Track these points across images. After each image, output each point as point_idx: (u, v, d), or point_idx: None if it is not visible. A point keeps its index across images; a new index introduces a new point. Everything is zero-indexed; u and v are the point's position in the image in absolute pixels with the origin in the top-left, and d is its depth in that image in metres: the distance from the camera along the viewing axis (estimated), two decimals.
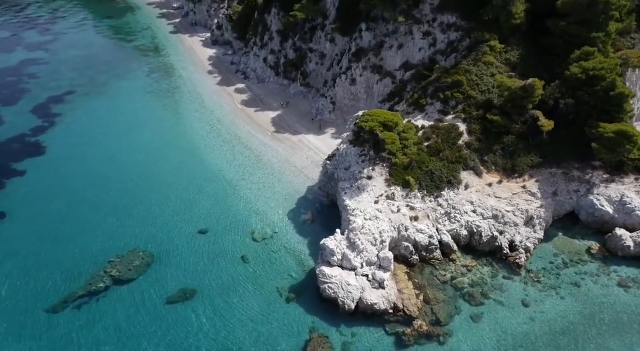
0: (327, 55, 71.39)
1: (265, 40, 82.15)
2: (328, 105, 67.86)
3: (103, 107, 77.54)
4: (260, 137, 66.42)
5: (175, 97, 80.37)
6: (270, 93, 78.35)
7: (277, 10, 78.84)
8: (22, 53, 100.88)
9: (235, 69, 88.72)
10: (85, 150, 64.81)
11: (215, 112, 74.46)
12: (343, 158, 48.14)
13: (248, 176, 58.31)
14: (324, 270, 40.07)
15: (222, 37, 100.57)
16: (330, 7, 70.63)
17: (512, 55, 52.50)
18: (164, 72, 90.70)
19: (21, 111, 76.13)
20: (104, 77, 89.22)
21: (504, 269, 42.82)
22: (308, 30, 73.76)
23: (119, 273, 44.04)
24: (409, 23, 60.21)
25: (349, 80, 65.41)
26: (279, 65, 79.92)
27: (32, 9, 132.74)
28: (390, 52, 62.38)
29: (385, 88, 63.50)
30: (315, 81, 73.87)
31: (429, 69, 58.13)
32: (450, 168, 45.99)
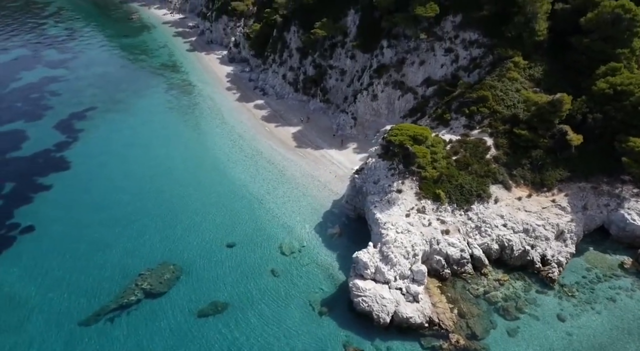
0: (348, 71, 72.44)
1: (284, 57, 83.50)
2: (349, 121, 68.56)
3: (125, 123, 78.58)
4: (282, 152, 67.01)
5: (196, 113, 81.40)
6: (289, 109, 79.29)
7: (297, 28, 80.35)
8: (42, 70, 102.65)
9: (253, 85, 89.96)
10: (110, 165, 65.50)
11: (235, 127, 75.31)
12: (372, 172, 48.49)
13: (272, 190, 58.69)
14: (357, 283, 40.04)
15: (238, 55, 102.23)
16: (350, 25, 71.98)
17: (536, 71, 53.19)
18: (183, 89, 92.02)
19: (45, 127, 77.24)
20: (123, 93, 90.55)
21: (536, 283, 42.63)
22: (328, 47, 75.01)
23: (150, 286, 44.12)
24: (431, 40, 61.25)
25: (370, 96, 66.25)
26: (297, 81, 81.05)
27: (51, 28, 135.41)
28: (412, 68, 63.31)
29: (407, 104, 64.22)
30: (335, 97, 74.79)
31: (452, 85, 58.92)
32: (480, 182, 46.23)
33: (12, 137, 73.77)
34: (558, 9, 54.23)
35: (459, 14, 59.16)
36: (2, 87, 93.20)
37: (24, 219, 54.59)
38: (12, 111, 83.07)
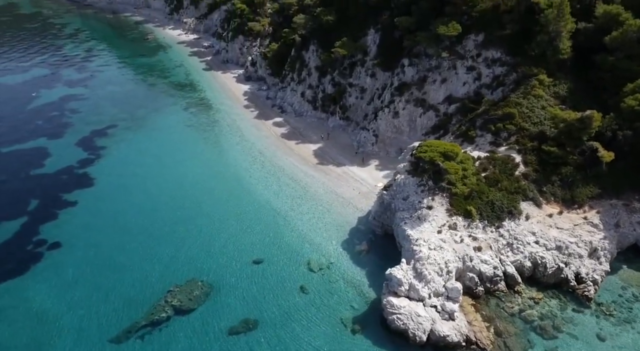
0: (368, 89, 73.18)
1: (302, 76, 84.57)
2: (370, 138, 68.92)
3: (145, 140, 79.34)
4: (304, 169, 67.23)
5: (215, 130, 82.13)
6: (308, 127, 79.89)
7: (316, 48, 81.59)
8: (62, 89, 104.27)
9: (271, 103, 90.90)
10: (133, 182, 65.84)
11: (256, 144, 75.82)
12: (400, 188, 48.49)
13: (296, 207, 58.68)
14: (391, 301, 39.61)
15: (255, 73, 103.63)
16: (370, 44, 73.06)
17: (561, 89, 53.54)
18: (201, 107, 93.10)
19: (67, 144, 78.06)
20: (143, 111, 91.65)
21: (572, 302, 42.01)
22: (347, 66, 75.97)
23: (180, 303, 43.81)
24: (452, 58, 61.98)
25: (391, 113, 66.75)
26: (316, 99, 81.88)
27: (68, 48, 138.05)
28: (434, 86, 63.91)
29: (429, 121, 64.58)
30: (354, 114, 75.38)
31: (475, 102, 59.32)
32: (510, 198, 46.08)
33: (35, 154, 74.53)
34: (581, 28, 54.84)
35: (481, 33, 59.98)
36: (24, 105, 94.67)
37: (50, 235, 54.72)
38: (34, 129, 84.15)
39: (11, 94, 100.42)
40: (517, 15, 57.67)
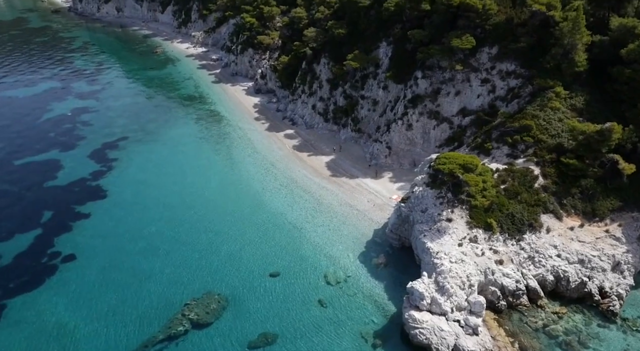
0: (380, 101, 73.29)
1: (314, 88, 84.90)
2: (383, 150, 68.80)
3: (157, 152, 79.42)
4: (317, 181, 67.04)
5: (227, 143, 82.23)
6: (320, 139, 79.91)
7: (327, 60, 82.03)
8: (73, 102, 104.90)
9: (281, 115, 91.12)
10: (146, 194, 65.73)
11: (268, 156, 75.80)
12: (419, 201, 48.16)
13: (311, 219, 58.35)
14: (413, 315, 39.01)
15: (265, 86, 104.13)
16: (382, 57, 73.42)
17: (577, 101, 53.42)
18: (212, 119, 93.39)
19: (79, 156, 78.23)
20: (154, 124, 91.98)
21: (597, 316, 41.31)
22: (359, 78, 76.26)
23: (197, 317, 43.29)
24: (466, 71, 62.10)
25: (405, 126, 66.71)
26: (327, 111, 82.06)
27: (78, 61, 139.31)
28: (447, 98, 63.94)
29: (442, 133, 64.48)
30: (366, 126, 75.38)
31: (490, 114, 59.26)
32: (530, 211, 45.68)
33: (48, 167, 74.67)
34: (596, 41, 54.96)
35: (495, 46, 60.19)
36: (35, 117, 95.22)
37: (64, 248, 54.48)
38: (46, 141, 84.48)
39: (23, 107, 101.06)
40: (531, 28, 57.85)
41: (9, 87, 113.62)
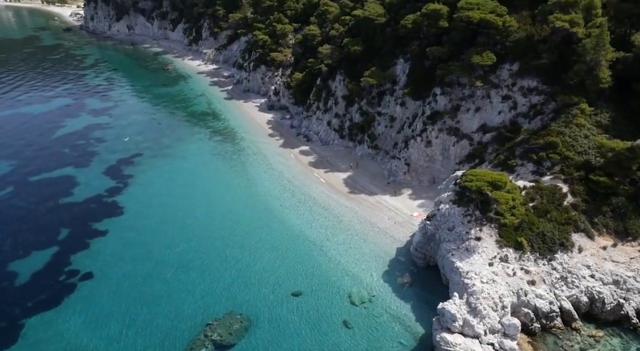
0: (397, 118, 72.91)
1: (329, 105, 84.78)
2: (402, 167, 68.10)
3: (172, 169, 79.03)
4: (336, 198, 66.23)
5: (242, 159, 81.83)
6: (336, 155, 79.38)
7: (343, 77, 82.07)
8: (87, 118, 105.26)
9: (295, 132, 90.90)
10: (162, 212, 65.02)
11: (284, 172, 75.23)
12: (445, 219, 47.21)
13: (331, 237, 57.37)
14: (445, 337, 37.71)
15: (278, 103, 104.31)
16: (399, 74, 73.33)
17: (603, 117, 52.77)
18: (226, 135, 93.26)
19: (94, 172, 77.91)
20: (167, 140, 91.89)
21: (635, 340, 39.87)
22: (376, 95, 76.09)
23: (220, 338, 42.16)
24: (486, 87, 61.71)
25: (424, 142, 66.12)
26: (343, 127, 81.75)
27: (91, 78, 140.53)
28: (467, 114, 63.45)
29: (462, 150, 63.80)
30: (383, 143, 74.88)
31: (512, 131, 58.63)
32: (561, 229, 44.60)
33: (63, 183, 74.30)
34: (619, 57, 54.56)
35: (516, 62, 59.89)
36: (50, 134, 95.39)
37: (82, 266, 53.63)
38: (60, 157, 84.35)
39: (38, 124, 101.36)
40: (553, 45, 57.60)
41: (24, 104, 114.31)
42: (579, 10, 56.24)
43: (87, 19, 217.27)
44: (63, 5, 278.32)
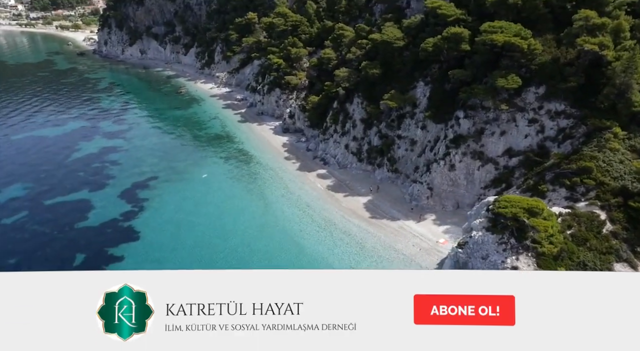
0: (418, 141, 71.79)
1: (346, 128, 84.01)
2: (425, 191, 66.54)
3: (188, 192, 77.95)
4: (357, 222, 64.57)
5: (258, 182, 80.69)
6: (354, 179, 78.03)
7: (361, 100, 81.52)
8: (101, 141, 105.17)
9: (312, 155, 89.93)
10: (180, 236, 63.61)
11: (302, 196, 73.84)
12: (478, 247, 45.34)
13: (355, 264, 55.47)
14: None
15: (293, 125, 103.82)
16: (420, 96, 72.59)
17: (637, 142, 51.31)
18: (241, 159, 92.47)
19: (109, 196, 76.94)
20: (182, 163, 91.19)
21: None
22: (395, 118, 75.23)
23: None
24: (512, 110, 60.63)
25: (447, 166, 64.72)
26: (361, 151, 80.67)
27: (104, 101, 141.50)
28: (492, 138, 62.19)
29: (488, 174, 62.28)
30: (404, 167, 73.57)
31: (540, 155, 57.21)
32: (602, 259, 42.58)
33: (78, 207, 73.27)
34: None
35: (542, 85, 58.92)
36: (65, 157, 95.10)
37: None
38: (75, 181, 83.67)
39: (52, 146, 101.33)
40: (580, 68, 56.68)
41: (39, 127, 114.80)
42: (607, 33, 55.53)
43: (101, 44, 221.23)
44: (77, 31, 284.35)
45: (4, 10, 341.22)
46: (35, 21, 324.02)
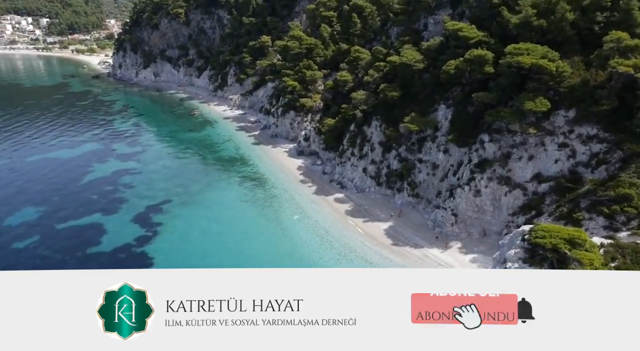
0: (440, 165, 69.61)
1: (364, 151, 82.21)
2: (449, 217, 63.96)
3: (202, 217, 76.10)
4: (378, 250, 62.03)
5: (274, 206, 78.67)
6: (373, 204, 75.72)
7: (379, 123, 79.94)
8: (115, 163, 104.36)
9: (328, 178, 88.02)
10: (195, 262, 61.29)
11: (319, 222, 71.55)
12: None
13: None
14: None
15: (308, 148, 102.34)
16: (441, 119, 70.79)
17: None
18: (256, 182, 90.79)
19: (122, 220, 75.30)
20: (197, 186, 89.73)
21: None
22: (416, 141, 73.32)
23: None
24: (540, 134, 58.46)
25: (472, 192, 62.27)
26: (380, 175, 78.60)
27: (118, 123, 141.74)
28: (519, 163, 59.86)
29: (516, 201, 59.69)
30: (425, 191, 71.21)
31: (572, 181, 54.68)
32: None
33: (91, 231, 71.59)
34: None
35: (572, 109, 56.85)
36: (78, 179, 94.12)
37: None
38: (88, 204, 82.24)
39: (66, 169, 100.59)
40: (613, 91, 54.63)
41: (53, 149, 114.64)
42: None
43: (115, 67, 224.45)
44: (92, 54, 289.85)
45: (22, 35, 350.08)
46: (52, 45, 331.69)
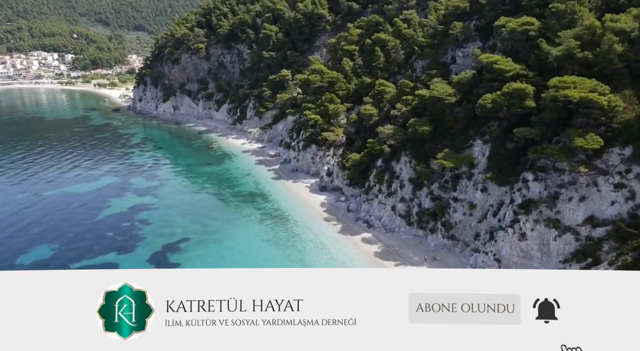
0: (478, 205, 64.78)
1: (393, 188, 77.90)
2: (490, 262, 58.62)
3: (221, 257, 71.90)
4: None
5: (298, 246, 74.12)
6: (404, 245, 70.67)
7: (409, 159, 75.94)
8: (132, 198, 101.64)
9: (354, 216, 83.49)
10: None
11: (347, 264, 66.61)
12: None
13: None
14: None
15: (331, 184, 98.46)
16: (478, 156, 66.50)
17: None
18: (277, 219, 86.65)
19: (138, 260, 71.48)
20: (216, 223, 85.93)
21: None
22: (450, 179, 68.89)
23: None
24: (591, 173, 53.65)
25: (517, 235, 57.12)
26: (410, 214, 73.89)
27: (137, 157, 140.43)
28: (569, 204, 54.82)
29: (567, 246, 54.30)
30: (462, 233, 66.11)
31: (633, 226, 49.35)
32: None
33: None
34: None
35: (627, 146, 52.22)
36: (94, 215, 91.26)
37: None
38: (103, 242, 78.89)
39: (82, 204, 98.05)
40: None
41: (71, 183, 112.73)
42: None
43: (135, 100, 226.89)
44: (113, 88, 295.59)
45: (47, 70, 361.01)
46: (75, 79, 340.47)
